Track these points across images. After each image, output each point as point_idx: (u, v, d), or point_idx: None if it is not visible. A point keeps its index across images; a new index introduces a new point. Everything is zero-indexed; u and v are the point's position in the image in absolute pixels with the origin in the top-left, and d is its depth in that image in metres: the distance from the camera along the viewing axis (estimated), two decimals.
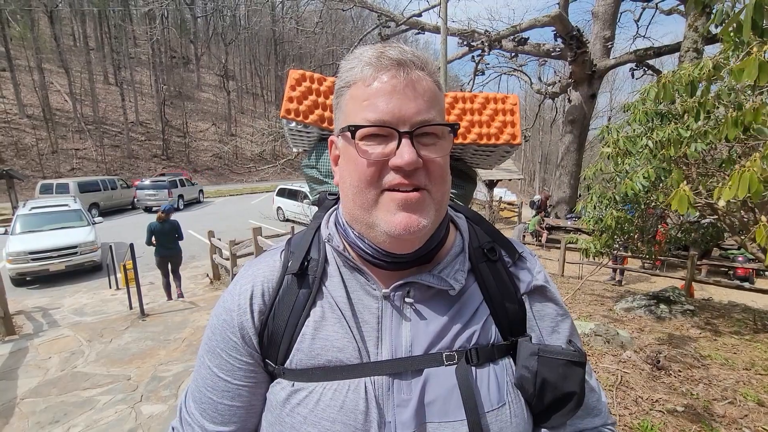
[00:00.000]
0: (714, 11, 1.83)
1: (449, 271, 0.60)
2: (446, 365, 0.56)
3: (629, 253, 5.69)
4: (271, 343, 0.59)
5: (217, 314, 0.63)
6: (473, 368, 0.56)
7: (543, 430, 0.63)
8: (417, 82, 0.52)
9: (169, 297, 6.87)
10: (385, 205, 0.53)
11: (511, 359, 0.60)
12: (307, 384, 0.56)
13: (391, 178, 0.52)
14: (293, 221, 14.43)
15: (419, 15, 13.17)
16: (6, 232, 8.55)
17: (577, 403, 0.59)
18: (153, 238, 6.49)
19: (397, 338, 0.57)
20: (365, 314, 0.58)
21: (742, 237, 4.03)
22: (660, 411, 2.74)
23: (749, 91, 2.74)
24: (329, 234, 0.63)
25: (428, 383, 0.55)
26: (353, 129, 0.52)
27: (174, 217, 6.94)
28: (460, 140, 0.97)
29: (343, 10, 15.18)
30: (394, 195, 0.52)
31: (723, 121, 1.94)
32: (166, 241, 6.55)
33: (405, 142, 0.51)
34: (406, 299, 0.58)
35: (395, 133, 0.51)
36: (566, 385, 0.58)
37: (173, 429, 0.66)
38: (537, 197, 14.22)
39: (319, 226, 0.67)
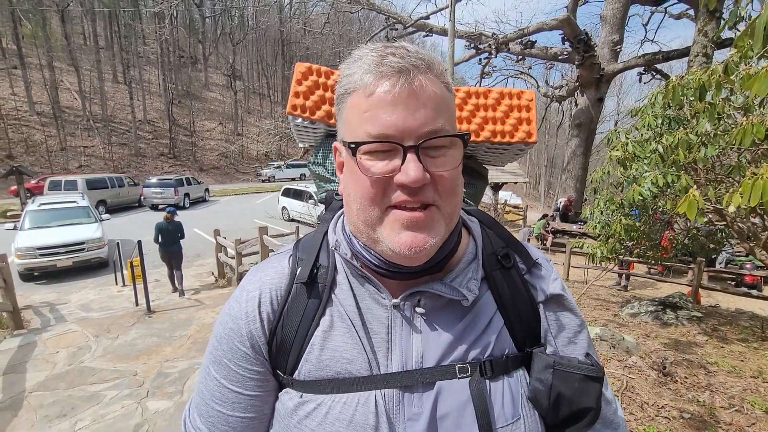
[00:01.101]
0: (726, 15, 1.83)
1: (462, 279, 0.57)
2: (459, 378, 0.54)
3: (635, 259, 5.66)
4: (280, 353, 0.57)
5: (222, 323, 0.60)
6: (487, 381, 0.54)
7: None
8: (421, 89, 0.49)
9: (174, 287, 7.33)
10: (389, 224, 0.50)
11: (526, 371, 0.58)
12: (315, 396, 0.54)
13: (397, 196, 0.49)
14: (298, 221, 14.48)
15: (427, 17, 13.20)
16: (15, 228, 8.67)
17: (592, 418, 0.57)
18: (159, 236, 7.10)
19: (407, 349, 0.55)
20: (375, 324, 0.56)
21: (751, 244, 4.00)
22: (666, 417, 2.73)
23: (759, 101, 2.73)
24: (337, 241, 0.61)
25: (440, 396, 0.53)
26: (353, 146, 0.49)
27: (180, 214, 7.61)
28: (472, 138, 0.93)
29: (351, 12, 15.24)
30: (399, 214, 0.50)
31: (739, 126, 1.92)
32: (170, 239, 7.12)
33: (410, 157, 0.47)
34: (417, 309, 0.56)
35: (400, 148, 0.48)
36: (582, 401, 0.55)
37: None
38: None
39: (327, 230, 0.65)
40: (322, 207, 0.86)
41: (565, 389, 0.55)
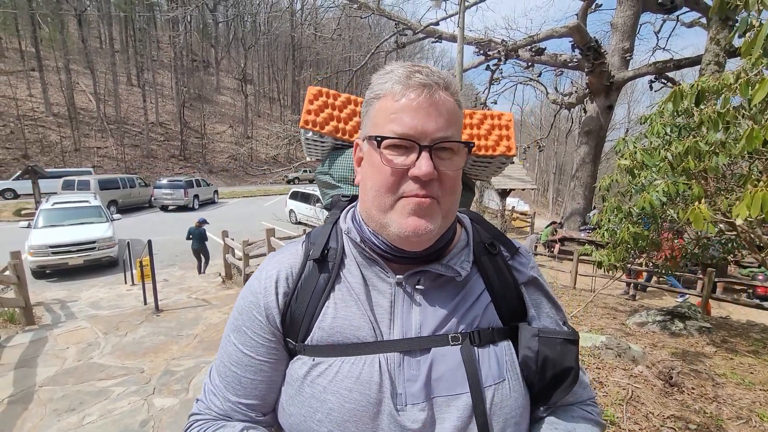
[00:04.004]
0: (737, 23, 1.83)
1: (456, 260, 0.66)
2: (452, 345, 0.62)
3: (644, 268, 5.60)
4: (293, 323, 0.65)
5: (244, 296, 0.69)
6: (476, 348, 0.62)
7: (541, 408, 0.69)
8: (440, 102, 0.58)
9: (199, 271, 9.21)
10: (399, 209, 0.58)
11: (510, 342, 0.66)
12: (326, 358, 0.62)
13: (409, 187, 0.57)
14: (305, 224, 14.56)
15: (436, 24, 13.27)
16: (29, 226, 8.85)
17: (574, 378, 0.65)
18: (189, 236, 9.18)
19: (407, 321, 0.63)
20: (379, 298, 0.64)
21: (762, 254, 3.94)
22: (671, 428, 2.69)
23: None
24: (348, 227, 0.69)
25: (435, 361, 0.61)
26: (380, 139, 0.58)
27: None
28: None
29: (361, 18, 15.40)
30: (409, 200, 0.58)
31: (742, 133, 1.92)
32: (197, 240, 9.14)
33: (424, 155, 0.56)
34: (417, 286, 0.65)
35: (416, 146, 0.57)
36: (564, 361, 0.64)
37: (197, 401, 0.72)
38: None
39: (336, 220, 0.74)
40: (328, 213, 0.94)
41: (550, 353, 0.64)
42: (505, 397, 0.61)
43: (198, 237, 9.11)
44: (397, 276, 0.65)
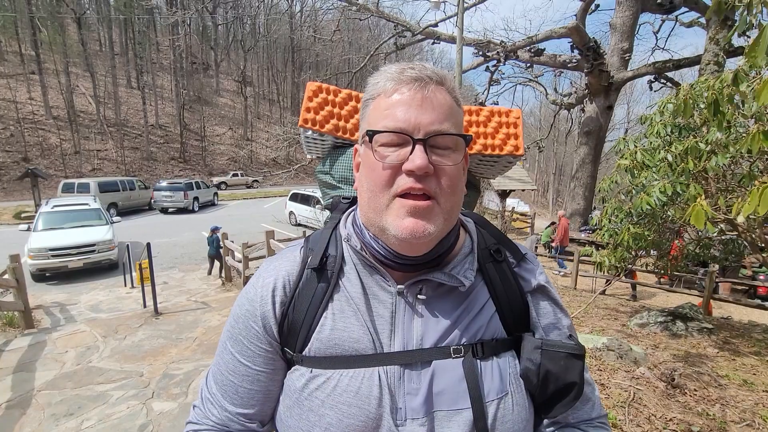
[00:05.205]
0: (736, 22, 1.81)
1: (459, 269, 0.63)
2: (454, 357, 0.59)
3: (643, 268, 5.57)
4: (291, 332, 0.63)
5: (240, 304, 0.67)
6: (478, 361, 0.60)
7: (545, 421, 0.66)
8: (434, 96, 0.56)
9: (209, 273, 9.19)
10: (395, 210, 0.56)
11: (514, 353, 0.64)
12: (324, 371, 0.60)
13: (404, 182, 0.55)
14: (305, 226, 14.54)
15: (435, 25, 13.29)
16: (29, 229, 8.83)
17: (577, 393, 0.62)
18: (207, 242, 9.27)
19: (408, 332, 0.61)
20: (380, 308, 0.62)
21: (764, 254, 3.92)
22: (674, 430, 2.67)
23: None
24: (348, 234, 0.66)
25: (436, 374, 0.59)
26: (371, 134, 0.56)
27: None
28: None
29: (361, 20, 15.41)
30: (405, 201, 0.55)
31: (748, 133, 1.90)
32: (212, 247, 9.21)
33: (418, 148, 0.54)
34: (419, 296, 0.62)
35: (410, 140, 0.55)
36: (567, 376, 0.61)
37: (194, 407, 0.70)
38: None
39: (336, 225, 0.71)
40: (328, 213, 0.91)
41: (553, 366, 0.61)
42: (508, 412, 0.59)
43: (212, 243, 9.47)
44: (399, 285, 0.62)
